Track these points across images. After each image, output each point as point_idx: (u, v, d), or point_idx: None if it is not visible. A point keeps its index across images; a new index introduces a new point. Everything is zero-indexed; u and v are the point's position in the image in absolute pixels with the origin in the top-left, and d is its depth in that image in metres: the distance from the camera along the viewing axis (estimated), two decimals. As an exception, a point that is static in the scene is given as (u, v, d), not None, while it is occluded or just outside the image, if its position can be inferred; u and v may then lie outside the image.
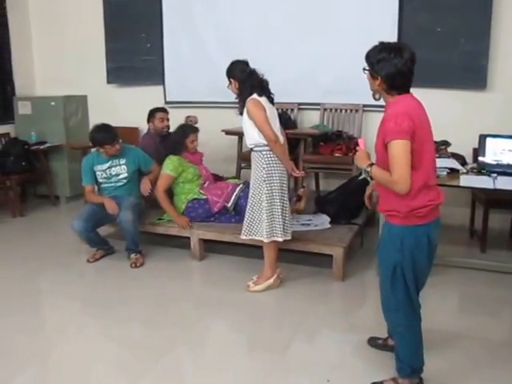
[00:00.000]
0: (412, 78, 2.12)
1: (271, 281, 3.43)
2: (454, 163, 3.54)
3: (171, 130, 4.54)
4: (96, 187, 4.13)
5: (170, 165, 3.97)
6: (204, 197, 4.02)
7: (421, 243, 2.11)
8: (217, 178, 4.35)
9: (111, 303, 3.36)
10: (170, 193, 4.13)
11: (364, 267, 3.80)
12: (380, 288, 2.33)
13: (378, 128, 2.14)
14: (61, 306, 3.41)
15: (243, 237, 3.43)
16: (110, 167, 4.04)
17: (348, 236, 3.72)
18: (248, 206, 3.39)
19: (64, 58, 5.99)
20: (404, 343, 2.28)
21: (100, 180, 4.08)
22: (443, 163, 3.49)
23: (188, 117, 4.56)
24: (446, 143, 3.79)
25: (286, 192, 3.38)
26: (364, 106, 4.78)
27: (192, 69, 5.36)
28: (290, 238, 3.43)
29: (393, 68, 2.04)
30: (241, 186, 4.00)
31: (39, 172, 5.60)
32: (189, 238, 4.01)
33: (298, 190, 4.02)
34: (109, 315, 3.21)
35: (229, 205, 3.94)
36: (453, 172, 3.49)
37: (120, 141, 4.02)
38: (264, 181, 3.26)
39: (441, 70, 4.48)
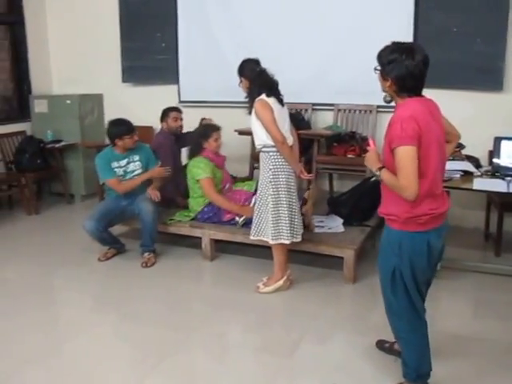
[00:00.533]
0: (424, 80, 2.06)
1: (280, 283, 3.43)
2: (467, 166, 3.51)
3: (184, 129, 4.58)
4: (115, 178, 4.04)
5: (207, 168, 3.90)
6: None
7: (420, 250, 2.08)
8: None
9: (121, 301, 3.41)
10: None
11: (375, 270, 3.72)
12: (382, 292, 2.31)
13: (385, 130, 2.11)
14: (71, 302, 3.48)
15: (252, 237, 3.44)
16: (126, 164, 4.05)
17: (359, 238, 3.70)
18: (256, 207, 3.40)
19: (80, 57, 6.05)
20: (409, 348, 2.25)
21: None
22: (457, 166, 3.46)
23: (203, 119, 4.56)
24: (460, 145, 3.72)
25: (294, 194, 3.36)
26: (378, 106, 4.76)
27: (206, 68, 5.38)
28: (299, 239, 3.43)
29: (404, 70, 1.99)
30: (253, 200, 3.72)
31: (54, 170, 5.67)
32: (200, 238, 4.02)
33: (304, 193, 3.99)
34: (118, 313, 3.26)
35: (239, 220, 3.88)
36: (466, 175, 3.46)
37: (137, 133, 4.05)
38: (270, 182, 3.26)
39: (456, 70, 4.43)
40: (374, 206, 4.10)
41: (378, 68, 2.09)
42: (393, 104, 2.19)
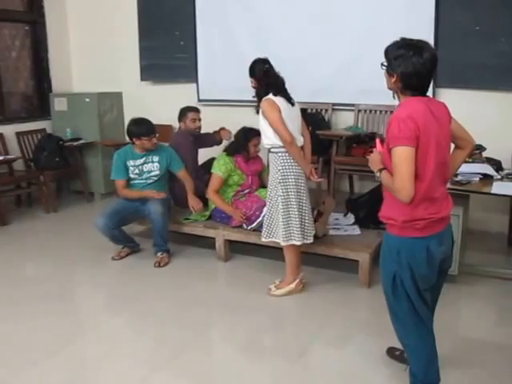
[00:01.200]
0: (430, 80, 2.00)
1: (292, 286, 3.39)
2: (487, 168, 3.41)
3: (203, 130, 4.54)
4: (124, 181, 4.06)
5: (223, 166, 3.91)
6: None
7: (418, 257, 2.00)
8: None
9: (133, 299, 3.43)
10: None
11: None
12: (385, 300, 2.23)
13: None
14: (83, 299, 3.55)
15: (263, 239, 3.41)
16: (143, 163, 4.04)
17: (376, 241, 3.61)
18: (267, 208, 3.36)
19: (100, 56, 6.09)
20: (415, 357, 2.18)
21: (131, 175, 4.06)
22: (476, 168, 3.36)
23: (222, 129, 4.54)
24: (481, 147, 3.64)
25: (305, 194, 3.31)
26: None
27: (225, 67, 5.35)
28: (311, 241, 3.38)
29: (410, 66, 1.92)
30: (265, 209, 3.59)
31: (73, 168, 5.70)
32: (214, 238, 4.00)
33: (319, 206, 3.83)
34: (130, 311, 3.30)
35: (247, 228, 3.85)
36: (486, 178, 3.35)
37: (157, 135, 4.03)
38: (279, 183, 3.22)
39: (479, 70, 4.30)
40: (392, 209, 4.08)
41: (385, 64, 2.03)
42: None
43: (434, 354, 2.17)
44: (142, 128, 3.94)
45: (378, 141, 2.16)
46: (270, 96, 3.18)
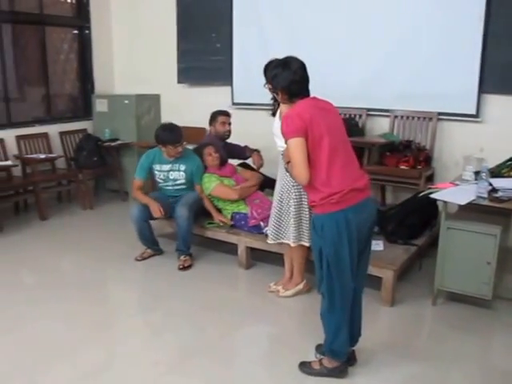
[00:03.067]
0: (308, 82, 2.37)
1: (300, 286, 3.37)
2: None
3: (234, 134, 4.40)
4: (142, 182, 4.04)
5: (211, 179, 3.93)
6: (244, 211, 3.88)
7: (340, 229, 2.20)
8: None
9: (150, 299, 3.45)
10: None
11: (418, 293, 3.37)
12: (315, 271, 2.43)
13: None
14: (106, 294, 3.62)
15: (270, 241, 3.32)
16: (169, 170, 3.95)
17: (402, 258, 3.33)
18: (275, 211, 3.25)
19: (140, 59, 6.08)
20: (325, 324, 2.42)
21: (157, 179, 4.02)
22: (506, 184, 2.98)
23: (256, 152, 4.42)
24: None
25: None
26: (439, 113, 4.28)
27: (259, 71, 5.13)
28: None
29: (286, 80, 2.31)
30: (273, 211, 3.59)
31: (110, 168, 5.72)
32: (236, 244, 3.84)
33: None
34: (150, 309, 3.32)
35: (263, 230, 3.68)
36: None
37: (184, 143, 3.91)
38: (293, 186, 3.12)
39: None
40: (424, 224, 3.74)
41: (267, 85, 2.53)
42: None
43: (344, 324, 2.36)
44: (168, 135, 3.84)
45: None
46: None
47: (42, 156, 5.27)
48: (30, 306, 3.27)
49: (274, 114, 3.20)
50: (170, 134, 3.84)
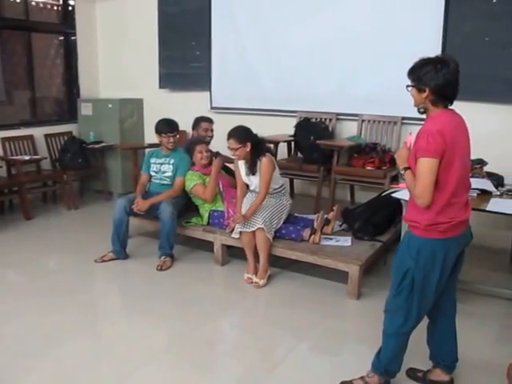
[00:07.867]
0: (458, 88, 1.99)
1: (269, 272, 3.49)
2: (485, 184, 3.04)
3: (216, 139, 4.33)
4: (146, 176, 4.08)
5: (192, 177, 3.88)
6: (220, 208, 3.83)
7: (436, 257, 2.01)
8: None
9: (131, 297, 3.37)
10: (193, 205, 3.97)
11: (383, 287, 3.32)
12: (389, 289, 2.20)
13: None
14: (88, 294, 3.45)
15: (235, 235, 3.50)
16: (162, 163, 4.01)
17: (367, 253, 3.32)
18: (271, 209, 3.44)
19: (124, 65, 5.99)
20: (388, 346, 2.19)
21: (151, 173, 4.06)
22: (474, 184, 2.98)
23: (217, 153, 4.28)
24: (482, 162, 3.27)
25: None
26: (403, 118, 4.31)
27: (236, 77, 5.14)
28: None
29: (441, 79, 1.93)
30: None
31: (94, 169, 5.63)
32: (213, 242, 3.79)
33: (328, 213, 3.64)
34: (126, 307, 3.27)
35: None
36: (485, 193, 2.98)
37: (177, 136, 3.98)
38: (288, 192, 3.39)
39: (488, 82, 3.90)
40: (389, 221, 3.73)
41: (411, 84, 2.02)
42: (419, 116, 2.10)
43: (405, 348, 2.19)
44: (163, 125, 3.96)
45: (409, 137, 2.10)
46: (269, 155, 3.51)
47: (27, 157, 5.15)
48: (12, 304, 3.14)
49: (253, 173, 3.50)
50: (166, 125, 3.95)
